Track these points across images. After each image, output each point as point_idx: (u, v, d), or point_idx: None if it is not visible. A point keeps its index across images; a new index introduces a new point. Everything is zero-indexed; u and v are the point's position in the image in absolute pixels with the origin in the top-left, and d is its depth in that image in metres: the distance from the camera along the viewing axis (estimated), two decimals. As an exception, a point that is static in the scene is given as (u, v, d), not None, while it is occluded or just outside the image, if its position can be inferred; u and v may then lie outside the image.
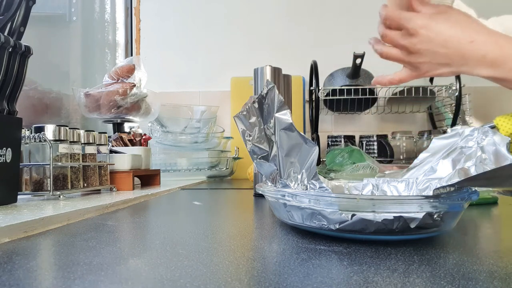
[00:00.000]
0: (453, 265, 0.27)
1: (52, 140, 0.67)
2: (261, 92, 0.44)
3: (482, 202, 0.60)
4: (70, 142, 0.72)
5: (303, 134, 0.40)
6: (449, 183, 0.34)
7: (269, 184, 0.46)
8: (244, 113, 0.46)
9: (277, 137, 0.42)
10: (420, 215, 0.32)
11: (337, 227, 0.33)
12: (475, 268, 0.26)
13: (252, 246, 0.35)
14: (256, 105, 0.45)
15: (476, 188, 0.36)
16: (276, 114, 0.42)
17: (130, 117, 1.18)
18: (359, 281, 0.24)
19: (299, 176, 0.40)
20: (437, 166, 0.46)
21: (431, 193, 0.35)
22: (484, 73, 0.54)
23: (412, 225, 0.32)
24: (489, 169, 0.33)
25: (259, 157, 0.45)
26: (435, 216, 0.32)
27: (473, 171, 0.38)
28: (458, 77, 1.41)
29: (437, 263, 0.28)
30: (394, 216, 0.32)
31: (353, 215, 0.32)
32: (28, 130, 0.69)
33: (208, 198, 0.81)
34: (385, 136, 1.64)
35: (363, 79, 1.55)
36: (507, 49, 0.51)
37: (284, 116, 0.42)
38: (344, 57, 1.54)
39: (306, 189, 0.39)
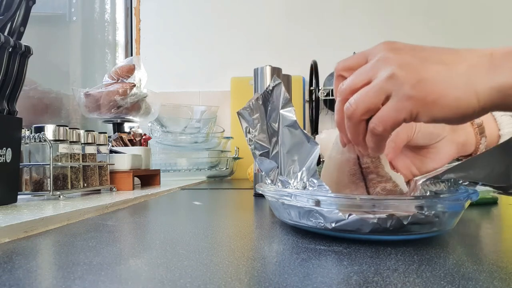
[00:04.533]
0: (453, 265, 0.27)
1: (52, 140, 0.67)
2: (267, 88, 0.44)
3: (482, 202, 0.60)
4: (70, 142, 0.72)
5: (306, 132, 0.40)
6: (433, 176, 0.34)
7: (269, 181, 0.45)
8: (248, 109, 0.46)
9: (280, 133, 0.42)
10: (411, 212, 0.32)
11: (333, 225, 0.33)
12: (475, 268, 0.26)
13: (252, 246, 0.35)
14: (260, 101, 0.45)
15: (476, 188, 0.36)
16: (281, 111, 0.42)
17: (130, 117, 1.18)
18: (359, 281, 0.24)
19: (299, 174, 0.40)
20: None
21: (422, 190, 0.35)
22: None
23: (405, 222, 0.32)
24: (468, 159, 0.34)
25: (260, 153, 0.45)
26: (426, 212, 0.32)
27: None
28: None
29: (437, 263, 0.28)
30: (387, 215, 0.32)
31: (350, 214, 0.32)
32: (28, 130, 0.69)
33: (208, 198, 0.81)
34: (385, 136, 1.64)
35: (363, 79, 1.54)
36: None
37: (289, 113, 0.42)
38: (344, 57, 1.54)
39: (305, 186, 0.39)
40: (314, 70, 1.50)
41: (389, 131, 0.32)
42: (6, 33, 0.57)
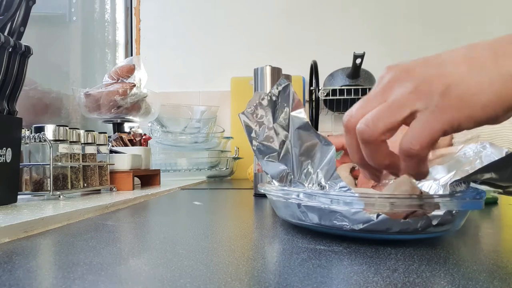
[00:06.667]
0: (453, 265, 0.27)
1: (52, 140, 0.67)
2: (272, 89, 0.44)
3: (482, 202, 0.60)
4: (70, 142, 0.72)
5: (319, 133, 0.39)
6: (462, 177, 0.34)
7: (276, 184, 0.45)
8: (251, 110, 0.45)
9: (291, 136, 0.41)
10: (441, 212, 0.32)
11: (361, 227, 0.32)
12: (475, 268, 0.26)
13: (252, 246, 0.35)
14: (265, 102, 0.44)
15: (480, 188, 0.36)
16: (292, 113, 0.41)
17: (130, 117, 1.18)
18: (359, 281, 0.24)
19: (314, 176, 0.39)
20: (431, 170, 0.45)
21: (439, 190, 0.35)
22: None
23: (434, 222, 0.32)
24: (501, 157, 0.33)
25: (266, 156, 0.44)
26: (453, 212, 0.32)
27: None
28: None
29: (437, 263, 0.28)
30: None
31: (378, 215, 0.31)
32: (28, 130, 0.69)
33: (208, 198, 0.81)
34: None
35: (363, 79, 1.55)
36: None
37: (300, 114, 0.41)
38: (344, 57, 1.54)
39: (323, 189, 0.38)
40: (314, 70, 1.50)
41: (427, 149, 0.27)
42: (6, 33, 0.57)
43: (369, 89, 1.52)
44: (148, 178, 1.05)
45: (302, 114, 0.40)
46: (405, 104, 0.28)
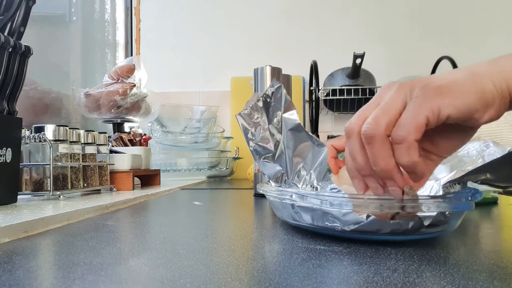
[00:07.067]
0: (453, 265, 0.27)
1: (52, 140, 0.67)
2: (266, 91, 0.44)
3: (482, 202, 0.60)
4: (70, 142, 0.72)
5: (311, 134, 0.40)
6: (456, 177, 0.34)
7: (273, 184, 0.45)
8: (247, 111, 0.45)
9: (284, 137, 0.42)
10: (434, 213, 0.32)
11: (352, 228, 0.32)
12: (475, 268, 0.26)
13: (252, 246, 0.35)
14: (260, 103, 0.44)
15: (478, 188, 0.36)
16: (284, 115, 0.41)
17: (130, 117, 1.18)
18: (359, 281, 0.24)
19: (307, 177, 0.39)
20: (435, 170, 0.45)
21: (440, 191, 0.35)
22: None
23: (426, 223, 0.32)
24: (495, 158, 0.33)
25: (262, 157, 0.45)
26: (446, 213, 0.32)
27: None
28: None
29: (437, 263, 0.28)
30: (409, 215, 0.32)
31: (368, 216, 0.32)
32: (28, 130, 0.69)
33: (208, 198, 0.81)
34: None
35: (363, 79, 1.55)
36: None
37: (292, 116, 0.41)
38: (344, 57, 1.54)
39: (316, 190, 0.38)
40: (314, 70, 1.50)
41: (413, 134, 0.29)
42: (6, 33, 0.57)
43: (369, 89, 1.53)
44: (148, 178, 1.05)
45: (294, 116, 0.41)
46: (395, 99, 0.30)
